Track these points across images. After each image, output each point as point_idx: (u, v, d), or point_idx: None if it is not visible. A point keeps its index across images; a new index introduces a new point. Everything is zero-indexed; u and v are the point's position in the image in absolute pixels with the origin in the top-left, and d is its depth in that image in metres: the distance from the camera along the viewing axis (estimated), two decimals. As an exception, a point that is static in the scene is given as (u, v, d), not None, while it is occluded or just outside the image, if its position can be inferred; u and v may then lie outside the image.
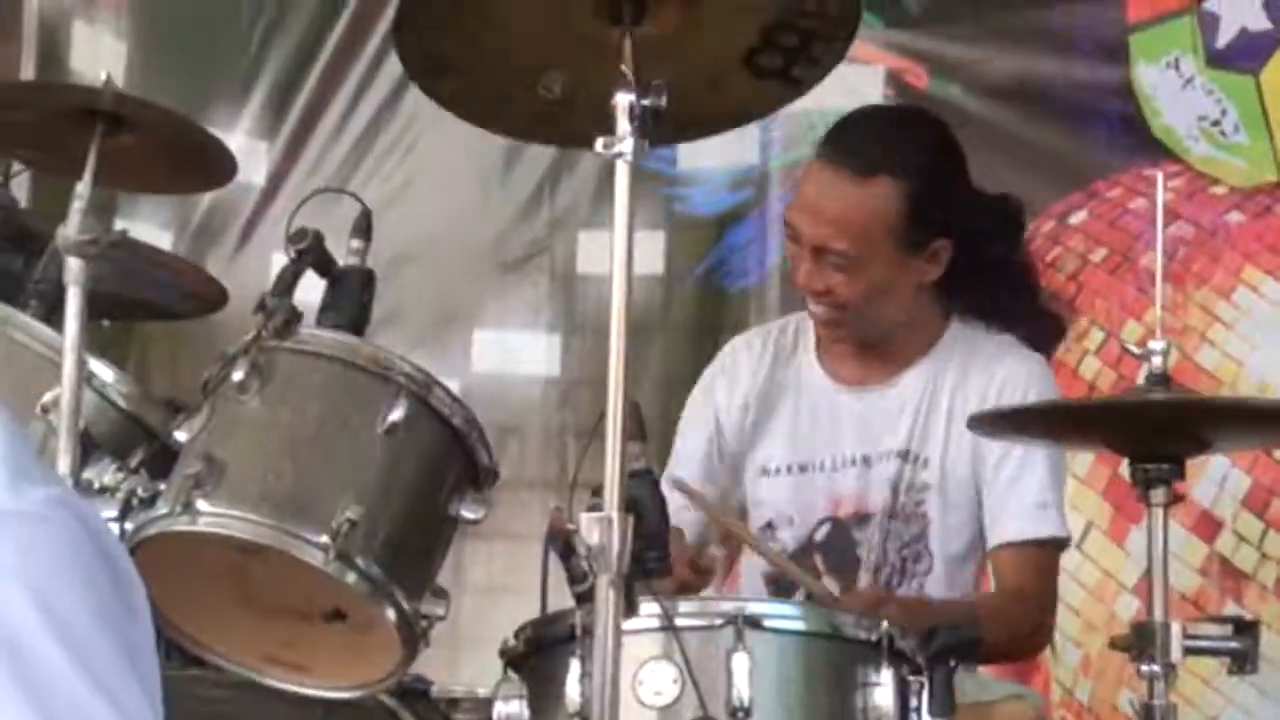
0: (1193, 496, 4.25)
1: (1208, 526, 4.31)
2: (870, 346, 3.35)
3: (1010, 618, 3.17)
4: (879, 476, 3.28)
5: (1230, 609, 4.24)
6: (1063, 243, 4.56)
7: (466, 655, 4.12)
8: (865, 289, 3.21)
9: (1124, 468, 3.79)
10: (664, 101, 2.37)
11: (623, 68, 2.38)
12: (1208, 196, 4.45)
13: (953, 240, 3.26)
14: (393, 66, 5.01)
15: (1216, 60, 4.47)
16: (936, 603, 3.23)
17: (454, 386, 2.73)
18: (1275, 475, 4.33)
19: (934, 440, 3.27)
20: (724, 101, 2.60)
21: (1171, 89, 4.49)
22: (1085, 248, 4.55)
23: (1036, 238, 4.56)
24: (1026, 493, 3.20)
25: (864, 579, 3.27)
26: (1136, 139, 4.51)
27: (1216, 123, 4.46)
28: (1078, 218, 4.55)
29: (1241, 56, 4.45)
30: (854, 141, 3.27)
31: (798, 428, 3.37)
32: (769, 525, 3.36)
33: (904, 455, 3.27)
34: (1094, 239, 4.54)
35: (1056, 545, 3.27)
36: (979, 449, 3.23)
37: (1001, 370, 3.27)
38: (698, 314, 4.83)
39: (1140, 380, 2.83)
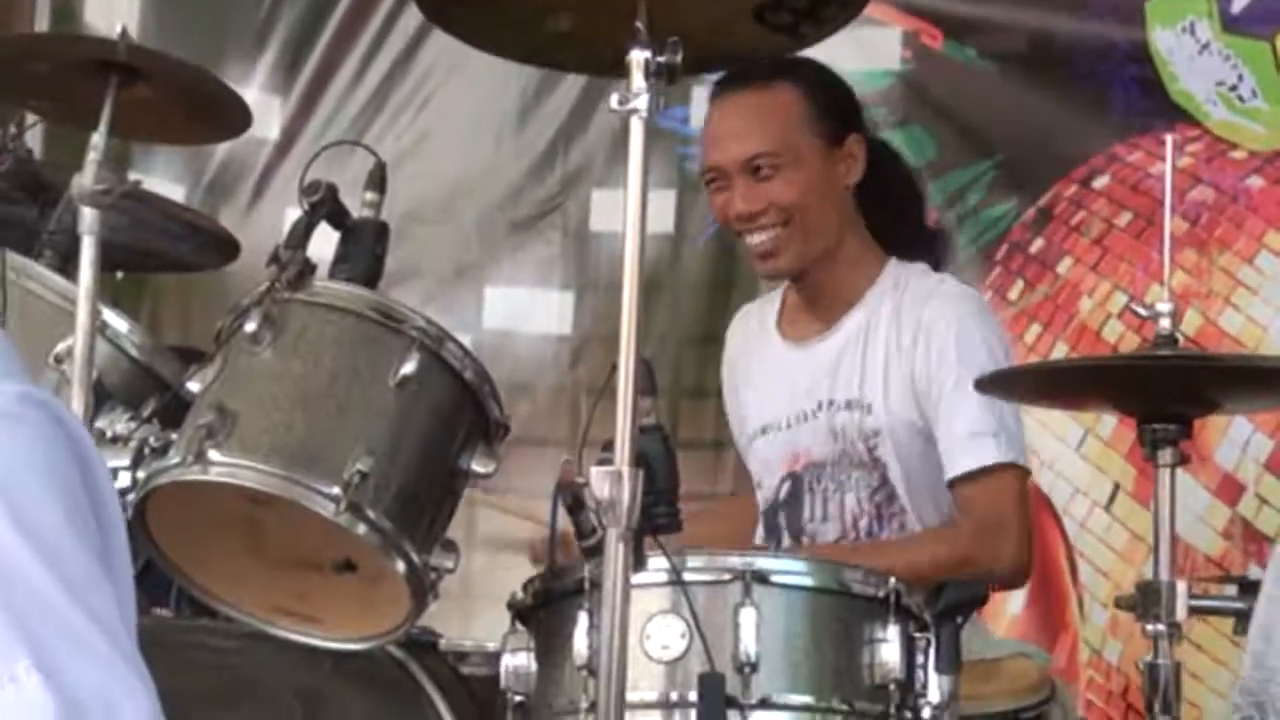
0: (1216, 460, 4.27)
1: (1230, 489, 4.31)
2: (814, 293, 3.40)
3: (970, 550, 3.14)
4: (827, 426, 3.32)
5: (1254, 572, 4.26)
6: (1086, 206, 4.57)
7: (479, 609, 4.14)
8: (800, 188, 3.30)
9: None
10: (679, 58, 2.38)
11: (637, 24, 2.38)
12: (1227, 161, 4.45)
13: (865, 137, 3.37)
14: (407, 22, 5.02)
15: (1232, 25, 4.46)
16: (863, 545, 3.25)
17: (465, 343, 2.73)
18: (1297, 438, 4.35)
19: (873, 385, 3.29)
20: (729, 44, 2.61)
21: (1188, 53, 4.49)
22: (1109, 212, 4.55)
23: (1060, 201, 4.57)
24: (959, 426, 3.21)
25: (833, 530, 3.29)
26: (1155, 103, 4.51)
27: (1234, 88, 4.46)
28: (1100, 182, 4.56)
29: (1257, 22, 4.45)
30: (742, 69, 3.32)
31: (763, 392, 3.44)
32: (759, 487, 3.44)
33: (849, 403, 3.29)
34: (1117, 203, 4.55)
35: (1005, 470, 3.20)
36: (919, 390, 3.25)
37: (929, 309, 3.28)
38: (708, 272, 4.85)
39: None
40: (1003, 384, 3.06)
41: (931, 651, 2.57)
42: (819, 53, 2.84)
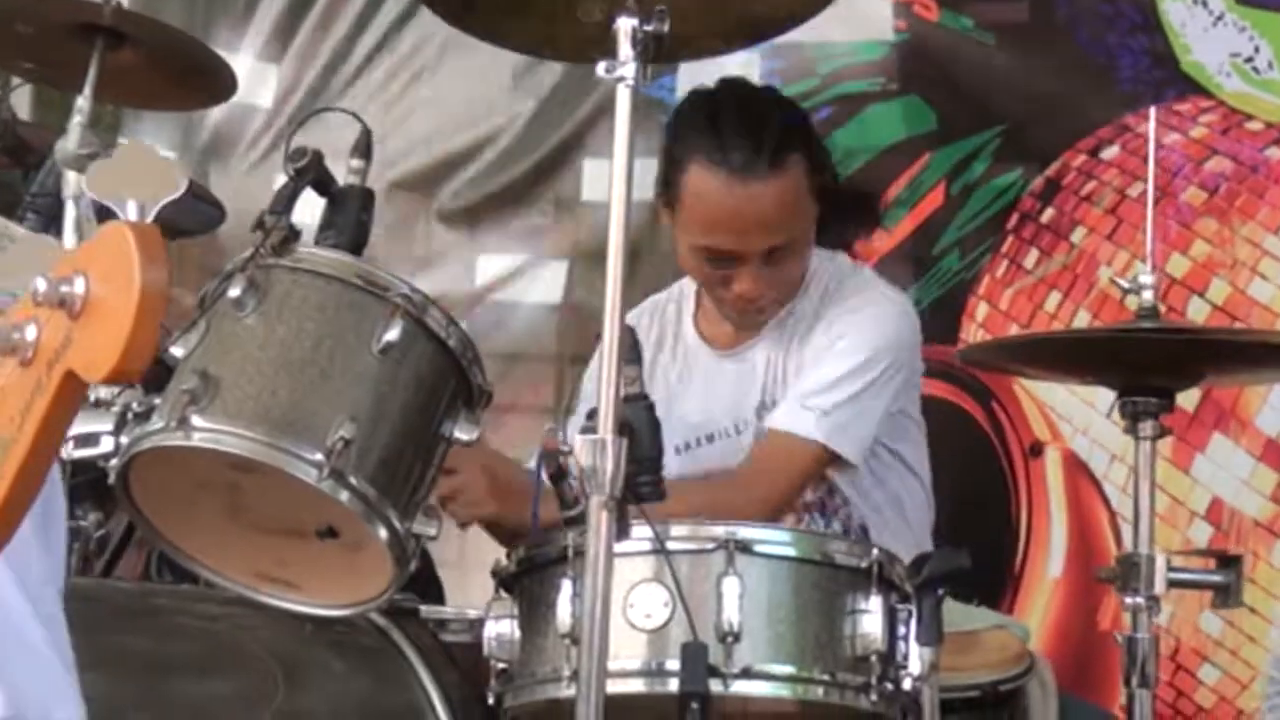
0: (1258, 425, 4.27)
1: (1275, 454, 4.31)
2: None
3: (734, 489, 3.18)
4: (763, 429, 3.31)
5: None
6: (1097, 177, 4.57)
7: (474, 578, 4.16)
8: (803, 261, 3.30)
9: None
10: (666, 27, 2.37)
11: (627, -10, 2.37)
12: (1244, 132, 4.46)
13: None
14: (399, -9, 5.02)
15: (1243, -3, 4.47)
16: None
17: (457, 312, 2.72)
18: (1345, 400, 4.34)
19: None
20: (736, 16, 2.58)
21: (1200, 25, 4.48)
22: (1121, 182, 4.56)
23: (1068, 172, 4.57)
24: (797, 391, 3.24)
25: (788, 523, 3.27)
26: (1165, 73, 4.50)
27: (1249, 59, 4.46)
28: (1109, 152, 4.56)
29: (1269, -6, 4.45)
30: (749, 138, 3.23)
31: (700, 400, 3.42)
32: None
33: (777, 404, 3.29)
34: (1130, 173, 4.55)
35: (808, 446, 3.21)
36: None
37: (848, 305, 3.30)
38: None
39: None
40: (987, 355, 3.07)
41: (913, 623, 2.57)
42: (807, 26, 2.79)
